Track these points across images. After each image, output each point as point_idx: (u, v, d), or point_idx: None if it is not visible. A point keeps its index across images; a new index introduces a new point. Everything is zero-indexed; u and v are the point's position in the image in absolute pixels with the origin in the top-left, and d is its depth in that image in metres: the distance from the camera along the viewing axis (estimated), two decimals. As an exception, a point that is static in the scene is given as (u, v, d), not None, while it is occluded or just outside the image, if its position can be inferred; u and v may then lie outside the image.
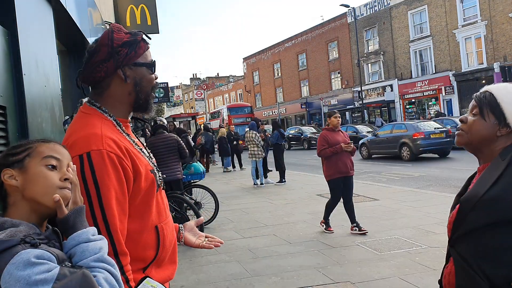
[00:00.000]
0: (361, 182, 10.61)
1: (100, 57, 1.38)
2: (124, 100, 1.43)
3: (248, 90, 50.65)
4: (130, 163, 1.33)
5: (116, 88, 1.41)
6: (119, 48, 1.37)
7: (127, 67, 1.39)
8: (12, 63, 2.09)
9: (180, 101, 72.07)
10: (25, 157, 1.11)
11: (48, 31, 2.77)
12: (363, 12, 33.40)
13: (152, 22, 8.72)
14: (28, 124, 2.14)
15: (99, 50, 1.38)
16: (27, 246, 0.95)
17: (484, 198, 1.21)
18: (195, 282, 4.37)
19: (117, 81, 1.40)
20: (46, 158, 1.11)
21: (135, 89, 1.42)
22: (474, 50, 26.03)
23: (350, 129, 24.03)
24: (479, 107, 1.34)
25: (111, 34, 1.39)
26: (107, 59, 1.37)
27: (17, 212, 1.07)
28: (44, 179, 1.09)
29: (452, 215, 1.34)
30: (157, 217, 1.43)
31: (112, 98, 1.42)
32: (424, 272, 4.19)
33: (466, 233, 1.26)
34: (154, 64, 1.44)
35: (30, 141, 1.17)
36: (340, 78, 36.47)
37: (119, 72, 1.39)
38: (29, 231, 1.01)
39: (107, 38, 1.38)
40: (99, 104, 1.41)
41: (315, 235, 5.85)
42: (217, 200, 7.05)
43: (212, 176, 14.35)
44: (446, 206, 6.90)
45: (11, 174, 1.08)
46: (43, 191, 1.08)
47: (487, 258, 1.21)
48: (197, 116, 34.56)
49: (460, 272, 1.28)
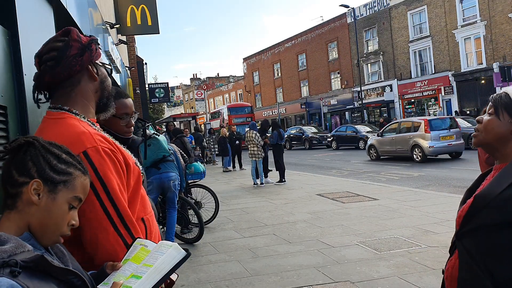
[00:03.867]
0: (360, 181, 10.63)
1: (73, 51, 1.38)
2: (91, 98, 1.44)
3: (248, 90, 50.65)
4: (121, 157, 1.37)
5: (85, 85, 1.42)
6: (88, 43, 1.40)
7: (92, 64, 1.42)
8: (12, 63, 2.10)
9: (180, 101, 72.08)
10: (60, 183, 1.06)
11: (49, 31, 2.78)
12: (362, 12, 33.42)
13: (152, 22, 8.73)
14: (29, 124, 2.15)
15: (71, 45, 1.38)
16: (6, 272, 0.87)
17: (499, 197, 1.21)
18: (195, 282, 4.38)
19: (87, 77, 1.42)
20: (75, 198, 1.08)
21: (101, 86, 1.45)
22: (474, 50, 26.04)
23: (350, 129, 24.06)
24: (494, 106, 1.35)
25: (72, 31, 1.41)
26: (80, 54, 1.38)
27: (17, 221, 1.03)
28: (61, 219, 1.06)
29: (463, 209, 1.33)
30: (142, 209, 1.48)
31: (81, 95, 1.42)
32: (424, 272, 4.20)
33: (476, 229, 1.26)
34: (111, 68, 1.49)
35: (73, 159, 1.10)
36: (339, 78, 36.49)
37: (91, 67, 1.41)
38: (16, 250, 0.93)
39: (76, 35, 1.40)
40: (67, 107, 1.40)
41: (315, 235, 5.86)
42: (217, 200, 7.06)
43: (212, 176, 14.35)
44: (445, 206, 6.94)
45: (40, 189, 1.03)
46: (51, 227, 1.05)
47: (494, 257, 1.21)
48: (197, 116, 34.55)
49: (464, 266, 1.28)
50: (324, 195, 8.99)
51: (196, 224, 6.14)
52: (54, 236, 1.06)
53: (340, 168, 14.56)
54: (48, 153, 1.07)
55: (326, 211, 7.38)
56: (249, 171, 13.38)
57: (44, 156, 1.06)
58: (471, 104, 26.26)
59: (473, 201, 1.29)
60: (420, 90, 29.27)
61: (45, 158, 1.06)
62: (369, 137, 18.70)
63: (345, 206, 7.70)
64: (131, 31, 9.10)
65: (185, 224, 6.36)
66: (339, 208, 7.53)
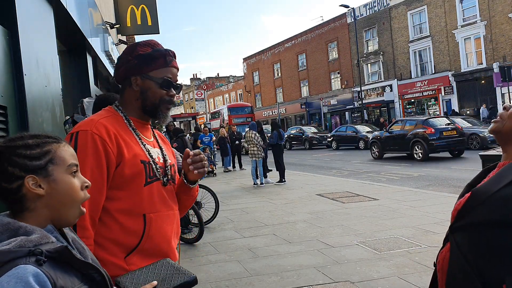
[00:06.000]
0: (360, 181, 10.63)
1: (119, 63, 1.64)
2: (133, 103, 1.62)
3: (248, 90, 50.65)
4: (115, 148, 1.47)
5: (126, 91, 1.63)
6: (129, 58, 1.59)
7: (139, 76, 1.59)
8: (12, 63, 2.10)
9: (180, 101, 72.07)
10: (47, 163, 1.06)
11: (49, 31, 2.78)
12: (362, 12, 33.42)
13: (152, 22, 8.73)
14: (29, 124, 2.15)
15: (121, 58, 1.63)
16: (32, 260, 0.91)
17: (496, 195, 1.18)
18: (195, 282, 4.38)
19: (127, 86, 1.62)
20: (69, 166, 1.09)
21: (141, 96, 1.60)
22: (474, 50, 26.04)
23: (350, 129, 24.06)
24: None
25: (136, 46, 1.62)
26: (122, 65, 1.62)
27: (35, 219, 1.03)
28: (72, 190, 1.07)
29: (459, 202, 1.30)
30: (148, 206, 1.51)
31: (124, 99, 1.64)
32: (424, 272, 4.20)
33: (469, 224, 1.23)
34: (163, 82, 1.59)
35: (41, 139, 1.10)
36: (339, 78, 36.49)
37: (131, 79, 1.60)
38: (41, 240, 0.96)
39: (130, 48, 1.62)
40: (118, 103, 1.65)
41: (315, 235, 5.86)
42: (218, 200, 7.07)
43: (212, 176, 14.37)
44: (445, 206, 6.94)
45: (36, 181, 1.03)
46: (69, 202, 1.07)
47: (485, 255, 1.18)
48: (197, 116, 34.57)
49: (454, 261, 1.26)
50: (324, 195, 8.99)
51: (196, 224, 6.14)
52: (76, 208, 1.09)
53: (340, 168, 14.56)
54: (16, 149, 1.05)
55: (326, 211, 7.38)
56: (249, 171, 13.38)
57: (15, 153, 1.05)
58: (471, 104, 26.26)
59: (470, 196, 1.26)
60: (420, 90, 29.27)
61: (18, 154, 1.04)
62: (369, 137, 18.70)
63: (345, 206, 7.70)
64: (131, 31, 9.10)
65: (185, 224, 6.37)
66: (339, 208, 7.53)
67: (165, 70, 1.59)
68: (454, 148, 14.83)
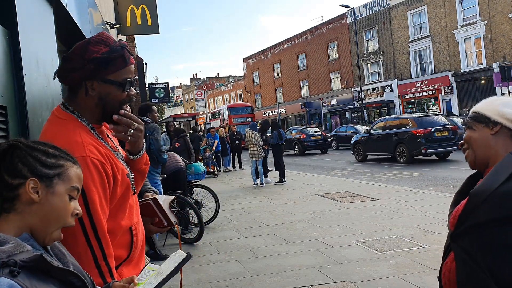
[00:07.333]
0: (360, 181, 10.63)
1: (71, 65, 1.39)
2: (92, 109, 1.44)
3: (248, 90, 50.66)
4: (110, 168, 1.37)
5: (82, 98, 1.42)
6: (85, 62, 1.37)
7: (95, 81, 1.40)
8: (12, 63, 2.09)
9: (181, 101, 72.13)
10: (55, 176, 1.07)
11: (49, 31, 2.78)
12: (362, 12, 33.43)
13: (152, 22, 8.72)
14: (29, 124, 2.15)
15: (71, 58, 1.39)
16: (5, 272, 0.88)
17: (498, 191, 1.18)
18: (196, 281, 4.38)
19: (83, 92, 1.41)
20: (72, 188, 1.09)
21: (100, 102, 1.43)
22: (474, 50, 26.05)
23: (350, 129, 24.05)
24: (466, 125, 1.41)
25: (87, 45, 1.40)
26: (76, 69, 1.38)
27: (16, 223, 1.03)
28: (64, 211, 1.07)
29: (457, 209, 1.29)
30: (129, 219, 1.48)
31: (80, 105, 1.43)
32: (424, 272, 4.20)
33: (474, 226, 1.21)
34: (124, 84, 1.43)
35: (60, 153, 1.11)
36: (339, 78, 36.50)
37: (85, 84, 1.40)
38: (15, 250, 0.94)
39: (81, 48, 1.39)
40: (72, 108, 1.43)
41: (315, 235, 5.86)
42: (218, 200, 7.06)
43: (212, 176, 14.36)
44: (445, 206, 6.90)
45: (37, 186, 1.03)
46: (55, 221, 1.05)
47: (495, 254, 1.16)
48: (197, 116, 34.57)
49: (461, 267, 1.24)
50: (324, 195, 8.99)
51: (196, 224, 6.14)
52: (57, 229, 1.07)
53: (340, 168, 14.56)
54: (34, 151, 1.07)
55: (326, 211, 7.38)
56: (249, 171, 13.38)
57: (31, 154, 1.06)
58: (471, 104, 26.22)
59: (469, 199, 1.25)
60: (420, 90, 29.28)
61: (33, 156, 1.06)
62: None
63: (345, 206, 7.70)
64: (131, 31, 9.09)
65: (185, 224, 6.37)
66: (339, 208, 7.53)
67: (125, 70, 1.44)
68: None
